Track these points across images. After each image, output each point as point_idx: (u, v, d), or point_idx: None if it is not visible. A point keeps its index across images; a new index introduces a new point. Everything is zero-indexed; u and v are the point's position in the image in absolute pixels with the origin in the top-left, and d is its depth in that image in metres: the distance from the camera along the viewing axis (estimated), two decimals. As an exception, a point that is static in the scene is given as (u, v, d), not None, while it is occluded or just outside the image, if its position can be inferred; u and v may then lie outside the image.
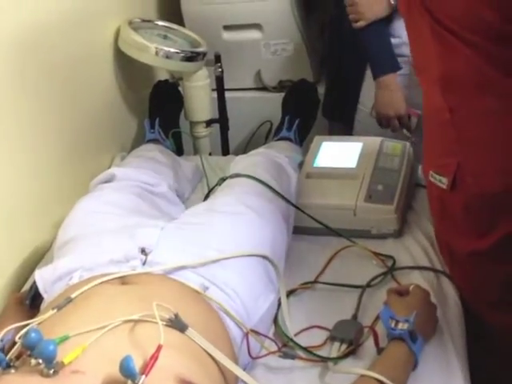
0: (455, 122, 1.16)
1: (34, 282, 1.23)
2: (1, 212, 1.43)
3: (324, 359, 1.19)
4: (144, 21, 2.09)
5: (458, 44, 1.08)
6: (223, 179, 1.62)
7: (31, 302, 1.24)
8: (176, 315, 0.98)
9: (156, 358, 0.87)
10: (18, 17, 1.49)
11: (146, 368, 0.86)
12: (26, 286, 1.39)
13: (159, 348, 0.88)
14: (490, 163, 1.15)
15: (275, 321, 1.29)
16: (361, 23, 1.83)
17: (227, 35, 2.35)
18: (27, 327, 0.97)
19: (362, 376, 1.08)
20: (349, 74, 2.04)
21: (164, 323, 0.95)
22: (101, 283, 1.10)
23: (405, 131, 1.93)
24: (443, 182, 1.21)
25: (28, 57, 1.53)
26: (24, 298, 1.26)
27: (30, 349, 0.87)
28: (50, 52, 1.63)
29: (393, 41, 1.86)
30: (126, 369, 0.83)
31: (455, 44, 1.09)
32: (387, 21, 1.85)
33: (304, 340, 1.24)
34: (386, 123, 1.93)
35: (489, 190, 1.17)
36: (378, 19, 1.82)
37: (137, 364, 0.84)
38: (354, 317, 1.30)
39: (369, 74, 1.97)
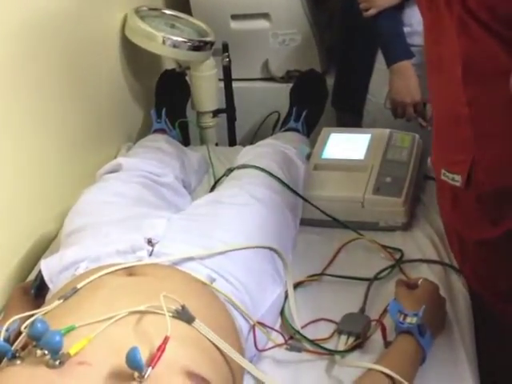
0: (473, 115, 1.14)
1: (40, 272, 1.23)
2: (5, 201, 1.42)
3: (331, 352, 1.18)
4: (151, 9, 2.08)
5: (484, 34, 1.07)
6: (230, 170, 1.61)
7: (36, 292, 1.23)
8: (183, 307, 0.97)
9: (163, 350, 0.86)
10: (24, 5, 1.47)
11: (153, 360, 0.85)
12: (31, 276, 1.38)
13: (166, 340, 0.88)
14: (506, 156, 1.14)
15: (282, 313, 1.28)
16: (372, 11, 1.81)
17: (235, 24, 2.33)
18: (33, 317, 0.96)
19: (370, 370, 1.08)
20: (358, 64, 2.02)
21: (171, 315, 0.95)
22: (107, 274, 1.09)
23: (420, 120, 1.91)
24: (456, 179, 1.20)
25: (35, 45, 1.52)
26: (29, 288, 1.25)
27: (36, 339, 0.87)
28: (56, 40, 1.62)
29: (404, 30, 1.84)
30: (132, 360, 0.82)
31: (482, 34, 1.07)
32: (398, 9, 1.83)
33: (311, 333, 1.23)
34: (401, 112, 1.90)
35: (503, 183, 1.16)
36: (389, 7, 1.81)
37: (143, 356, 0.83)
38: (362, 310, 1.29)
39: (378, 64, 1.95)
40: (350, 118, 2.12)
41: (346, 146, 1.75)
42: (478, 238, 1.26)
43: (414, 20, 1.82)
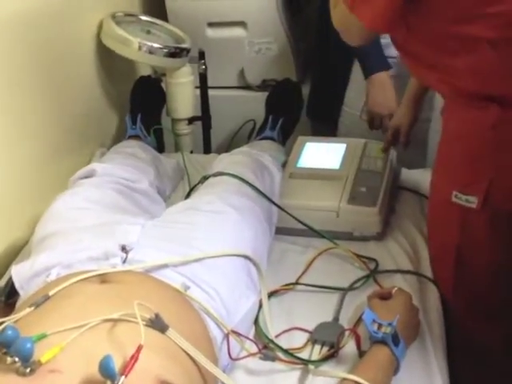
0: (497, 137, 1.13)
1: (10, 278, 1.20)
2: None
3: (305, 362, 1.17)
4: (127, 15, 2.07)
5: None
6: (205, 177, 1.60)
7: (6, 299, 1.21)
8: (157, 315, 0.96)
9: (136, 359, 0.85)
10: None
11: (126, 368, 0.84)
12: (1, 283, 1.35)
13: (139, 348, 0.87)
14: None
15: (256, 322, 1.27)
16: (349, 23, 1.82)
17: (211, 32, 2.33)
18: (3, 325, 0.94)
19: (344, 379, 1.07)
20: (334, 74, 2.03)
21: (144, 323, 0.93)
22: (80, 281, 1.07)
23: None
24: (471, 201, 1.18)
25: (8, 46, 1.50)
26: (-1, 294, 1.23)
27: (6, 346, 0.85)
28: (31, 43, 1.60)
29: (381, 41, 1.85)
30: (105, 369, 0.81)
31: None
32: None
33: (285, 342, 1.22)
34: (378, 123, 1.91)
35: None
36: None
37: (116, 364, 0.82)
38: (336, 319, 1.29)
39: (354, 75, 1.96)
40: (325, 128, 2.12)
41: (322, 155, 1.75)
42: (489, 260, 1.25)
43: (390, 32, 1.82)
